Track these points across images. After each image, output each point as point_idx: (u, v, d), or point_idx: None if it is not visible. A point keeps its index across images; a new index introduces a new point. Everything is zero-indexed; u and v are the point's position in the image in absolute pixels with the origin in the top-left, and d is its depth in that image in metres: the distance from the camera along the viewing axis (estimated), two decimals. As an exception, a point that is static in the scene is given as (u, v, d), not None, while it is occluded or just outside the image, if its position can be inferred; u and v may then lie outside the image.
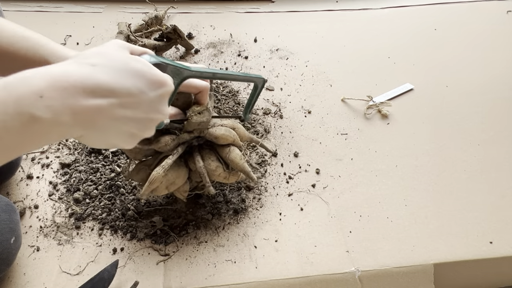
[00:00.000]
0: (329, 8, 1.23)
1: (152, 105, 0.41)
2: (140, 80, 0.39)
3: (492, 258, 0.68)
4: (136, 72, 0.39)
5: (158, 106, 0.42)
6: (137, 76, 0.39)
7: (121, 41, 0.43)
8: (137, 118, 0.40)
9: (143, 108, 0.40)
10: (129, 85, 0.38)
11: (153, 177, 0.57)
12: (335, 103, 0.94)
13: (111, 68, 0.37)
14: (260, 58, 1.05)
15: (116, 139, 0.40)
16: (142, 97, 0.39)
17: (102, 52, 0.39)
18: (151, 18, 1.08)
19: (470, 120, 0.91)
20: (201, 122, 0.58)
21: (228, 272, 0.65)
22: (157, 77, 0.41)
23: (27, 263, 0.65)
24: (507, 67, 1.04)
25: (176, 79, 0.49)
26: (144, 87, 0.39)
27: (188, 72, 0.50)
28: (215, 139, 0.61)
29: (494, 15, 1.22)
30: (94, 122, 0.36)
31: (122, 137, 0.41)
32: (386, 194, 0.76)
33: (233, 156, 0.61)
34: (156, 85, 0.40)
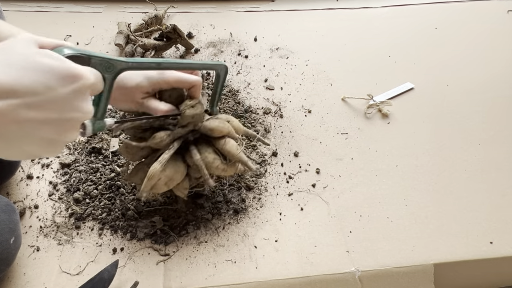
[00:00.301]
0: (329, 6, 1.23)
1: (66, 103, 0.35)
2: (47, 75, 0.34)
3: (492, 258, 0.68)
4: (41, 66, 0.34)
5: (74, 103, 0.36)
6: (43, 71, 0.34)
7: (29, 35, 0.38)
8: (49, 119, 0.35)
9: (54, 107, 0.34)
10: (32, 82, 0.33)
11: (151, 172, 0.57)
12: (336, 102, 0.94)
13: (11, 66, 0.32)
14: (260, 57, 1.04)
15: (31, 146, 0.35)
16: (51, 94, 0.34)
17: (3, 49, 0.34)
18: (151, 17, 1.08)
19: (470, 119, 0.91)
20: (194, 115, 0.58)
21: (228, 272, 0.65)
22: (68, 70, 0.35)
23: (27, 263, 0.65)
24: (507, 66, 1.04)
25: (109, 73, 0.44)
26: (52, 83, 0.34)
27: (121, 63, 0.46)
28: (210, 131, 0.61)
29: (494, 15, 1.22)
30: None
31: (39, 144, 0.36)
32: (386, 194, 0.76)
33: (229, 147, 0.61)
34: (67, 80, 0.35)
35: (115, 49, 1.03)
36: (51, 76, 0.34)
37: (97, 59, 0.42)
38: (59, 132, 0.36)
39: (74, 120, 0.37)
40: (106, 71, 0.44)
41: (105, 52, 1.03)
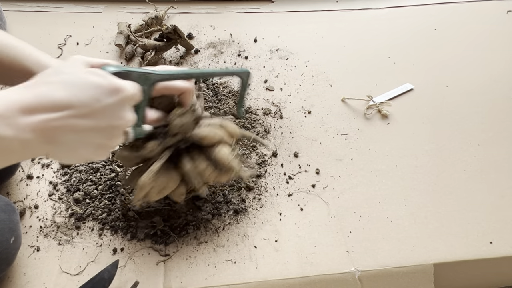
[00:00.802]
0: (329, 8, 1.23)
1: (112, 112, 0.41)
2: (95, 89, 0.40)
3: (492, 258, 0.68)
4: (90, 83, 0.40)
5: (118, 113, 0.42)
6: (92, 86, 0.40)
7: (80, 56, 0.44)
8: (99, 127, 0.41)
9: (103, 116, 0.41)
10: (84, 96, 0.39)
11: (141, 182, 0.56)
12: (335, 103, 0.94)
13: (66, 83, 0.39)
14: (260, 58, 1.05)
15: (85, 151, 0.42)
16: (99, 105, 0.40)
17: (58, 69, 0.40)
18: (151, 18, 1.08)
19: (470, 120, 0.91)
20: (183, 125, 0.57)
21: (228, 272, 0.65)
22: (112, 85, 0.41)
23: (27, 263, 0.65)
24: (507, 67, 1.04)
25: (146, 85, 0.49)
26: (100, 96, 0.40)
27: (156, 76, 0.50)
28: (200, 140, 0.60)
29: (494, 15, 1.22)
30: (56, 136, 0.38)
31: (90, 149, 0.42)
32: (386, 194, 0.76)
33: (220, 155, 0.60)
34: (112, 92, 0.41)
35: (115, 50, 1.03)
36: (99, 91, 0.40)
37: (136, 74, 0.48)
38: (108, 137, 0.43)
39: (119, 127, 0.44)
40: (144, 83, 0.49)
41: (105, 52, 1.03)
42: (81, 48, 1.03)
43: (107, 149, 0.44)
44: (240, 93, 0.65)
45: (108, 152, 0.45)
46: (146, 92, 0.50)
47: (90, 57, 0.45)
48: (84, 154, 0.42)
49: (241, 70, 0.62)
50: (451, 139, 0.87)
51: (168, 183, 0.59)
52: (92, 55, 0.56)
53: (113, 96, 0.41)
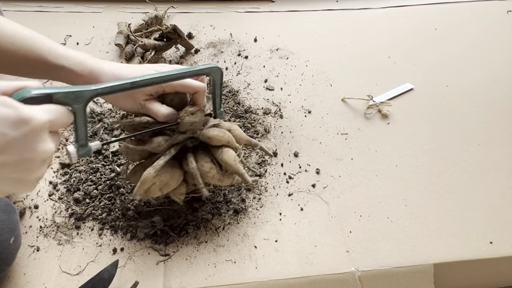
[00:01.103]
0: (329, 7, 1.23)
1: (22, 145, 0.37)
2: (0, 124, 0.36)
3: (492, 258, 0.68)
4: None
5: (30, 145, 0.38)
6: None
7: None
8: (9, 161, 0.37)
9: (12, 151, 0.37)
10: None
11: (144, 177, 0.56)
12: (335, 102, 0.94)
13: None
14: (260, 57, 1.05)
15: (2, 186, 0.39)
16: (5, 140, 0.36)
17: None
18: (151, 18, 1.08)
19: (470, 120, 0.91)
20: (193, 123, 0.58)
21: (228, 272, 0.65)
22: (17, 116, 0.36)
23: (27, 263, 0.65)
24: (507, 67, 1.04)
25: (78, 103, 0.45)
26: (5, 130, 0.36)
27: (89, 92, 0.46)
28: (208, 140, 0.60)
29: (494, 15, 1.22)
30: None
31: (9, 184, 0.39)
32: (386, 194, 0.76)
33: (226, 157, 0.60)
34: (18, 124, 0.36)
35: (115, 49, 1.03)
36: (4, 124, 0.35)
37: (60, 94, 0.43)
38: (23, 171, 0.39)
39: (34, 159, 0.39)
40: (74, 102, 0.44)
41: (105, 52, 1.03)
42: (81, 48, 1.03)
43: (30, 182, 0.41)
44: (212, 92, 0.61)
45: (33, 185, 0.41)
46: (80, 110, 0.45)
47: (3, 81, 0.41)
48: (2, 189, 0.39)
49: (207, 66, 0.57)
50: (451, 139, 0.87)
51: (170, 181, 0.59)
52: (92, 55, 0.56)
53: (20, 128, 0.37)
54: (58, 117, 0.42)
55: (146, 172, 0.57)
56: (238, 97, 0.93)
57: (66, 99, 0.44)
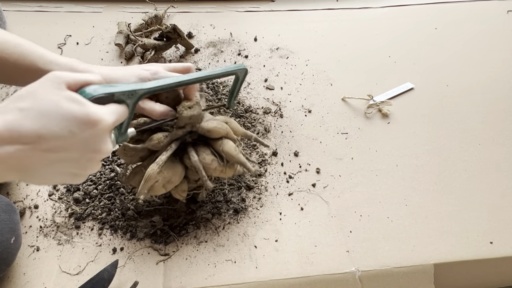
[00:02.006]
0: (329, 7, 1.23)
1: (86, 146, 0.39)
2: (70, 122, 0.37)
3: (492, 258, 0.68)
4: (65, 114, 0.37)
5: (94, 146, 0.40)
6: (65, 117, 0.37)
7: (58, 74, 0.40)
8: (72, 159, 0.39)
9: (76, 149, 0.38)
10: (57, 129, 0.36)
11: (148, 174, 0.56)
12: (336, 102, 0.94)
13: (38, 112, 0.36)
14: (260, 57, 1.04)
15: (58, 178, 0.40)
16: (73, 139, 0.37)
17: (32, 92, 0.37)
18: (151, 17, 1.08)
19: (470, 119, 0.91)
20: (192, 116, 0.58)
21: (228, 272, 0.65)
22: (88, 116, 0.38)
23: (27, 263, 0.65)
24: (507, 67, 1.04)
25: (131, 99, 0.47)
26: (75, 129, 0.37)
27: (143, 91, 0.48)
28: (208, 133, 0.61)
29: (494, 15, 1.22)
30: (26, 167, 0.36)
31: (65, 177, 0.41)
32: (387, 194, 0.76)
33: (227, 148, 0.60)
34: (87, 125, 0.38)
35: (115, 49, 1.03)
36: (74, 123, 0.37)
37: (120, 94, 0.45)
38: (82, 168, 0.41)
39: (94, 159, 0.41)
40: (128, 98, 0.47)
41: (105, 52, 1.03)
42: (81, 47, 1.03)
43: (82, 177, 0.43)
44: (232, 86, 0.64)
45: (84, 178, 0.43)
46: (131, 106, 0.48)
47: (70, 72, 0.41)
48: (58, 181, 0.41)
49: (237, 68, 0.61)
50: (451, 138, 0.87)
51: (173, 177, 0.59)
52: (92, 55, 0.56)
53: (89, 129, 0.38)
54: (120, 117, 0.44)
55: (149, 169, 0.57)
56: (238, 97, 0.93)
57: (124, 96, 0.46)
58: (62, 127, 0.36)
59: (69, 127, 0.37)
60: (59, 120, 0.36)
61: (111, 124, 0.41)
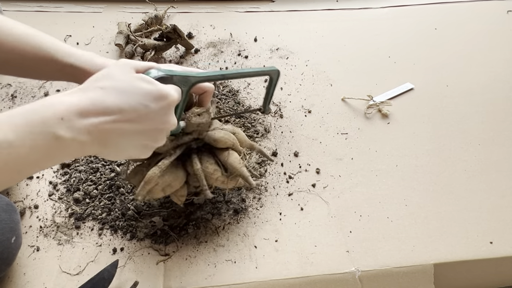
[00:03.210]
0: (329, 7, 1.23)
1: (158, 117, 0.44)
2: (144, 96, 0.43)
3: (492, 258, 0.68)
4: (139, 89, 0.43)
5: (163, 117, 0.46)
6: (141, 93, 0.43)
7: (128, 61, 0.47)
8: (146, 130, 0.44)
9: (149, 121, 0.44)
10: (134, 102, 0.42)
11: (148, 176, 0.56)
12: (335, 102, 0.94)
13: (117, 89, 0.42)
14: (260, 57, 1.04)
15: (132, 151, 0.45)
16: (147, 111, 0.43)
17: (109, 74, 0.43)
18: (151, 17, 1.08)
19: (470, 119, 0.91)
20: (200, 124, 0.58)
21: (228, 272, 0.65)
22: (158, 92, 0.44)
23: (27, 263, 0.65)
24: (507, 67, 1.04)
25: (185, 87, 0.52)
26: (148, 102, 0.43)
27: (195, 78, 0.52)
28: (214, 142, 0.61)
29: (494, 15, 1.22)
30: (108, 138, 0.41)
31: (137, 149, 0.46)
32: (386, 194, 0.76)
33: (232, 159, 0.60)
34: (159, 99, 0.44)
35: (115, 49, 1.03)
36: (148, 97, 0.43)
37: (178, 77, 0.50)
38: (153, 139, 0.47)
39: (164, 130, 0.47)
40: (183, 85, 0.51)
41: (105, 52, 1.03)
42: (81, 48, 1.03)
43: (151, 149, 0.48)
44: (267, 90, 0.65)
45: (151, 151, 0.49)
46: (184, 93, 0.52)
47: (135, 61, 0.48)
48: (131, 153, 0.46)
49: (271, 69, 0.62)
50: (451, 138, 0.87)
51: (173, 182, 0.59)
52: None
53: (160, 102, 0.44)
54: (179, 97, 0.50)
55: (151, 172, 0.56)
56: (238, 97, 0.93)
57: (180, 82, 0.51)
58: (138, 101, 0.42)
59: (143, 101, 0.43)
60: (136, 96, 0.43)
61: (176, 99, 0.47)
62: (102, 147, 0.42)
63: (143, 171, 0.60)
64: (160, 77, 0.48)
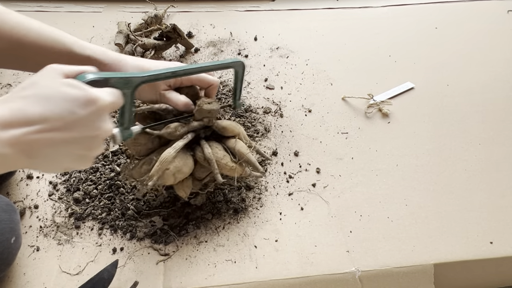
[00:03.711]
0: (329, 6, 1.23)
1: (88, 124, 0.41)
2: (70, 102, 0.40)
3: (492, 258, 0.68)
4: (64, 96, 0.40)
5: (95, 124, 0.42)
6: (66, 99, 0.40)
7: (56, 66, 0.43)
8: (76, 139, 0.41)
9: (79, 128, 0.41)
10: (58, 110, 0.39)
11: (164, 157, 0.57)
12: (336, 101, 0.94)
13: (40, 97, 0.39)
14: (260, 56, 1.04)
15: (66, 162, 0.43)
16: (74, 118, 0.40)
17: (33, 82, 0.40)
18: (151, 17, 1.08)
19: (470, 119, 0.91)
20: (211, 110, 0.60)
21: (228, 272, 0.65)
22: (86, 96, 0.41)
23: (27, 263, 0.65)
24: (507, 66, 1.04)
25: (128, 89, 0.49)
26: (75, 108, 0.40)
27: (138, 79, 0.50)
28: (222, 129, 0.63)
29: (494, 14, 1.21)
30: (34, 149, 0.38)
31: (72, 159, 0.43)
32: (387, 194, 0.76)
33: (240, 146, 0.63)
34: (86, 104, 0.40)
35: (115, 49, 1.03)
36: (74, 103, 0.40)
37: (116, 79, 0.47)
38: (86, 148, 0.43)
39: (97, 138, 0.43)
40: (124, 87, 0.48)
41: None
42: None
43: (89, 159, 0.45)
44: (234, 85, 0.64)
45: (90, 162, 0.45)
46: (128, 96, 0.49)
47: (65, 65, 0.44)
48: (66, 164, 0.43)
49: (233, 61, 0.61)
50: (451, 138, 0.87)
51: (184, 167, 0.60)
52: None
53: (88, 108, 0.41)
54: (117, 100, 0.46)
55: (166, 152, 0.58)
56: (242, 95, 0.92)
57: (119, 84, 0.48)
58: (63, 107, 0.39)
59: (70, 108, 0.39)
60: (61, 103, 0.39)
61: (108, 103, 0.43)
62: (31, 159, 0.39)
63: (154, 159, 0.60)
64: (92, 81, 0.45)
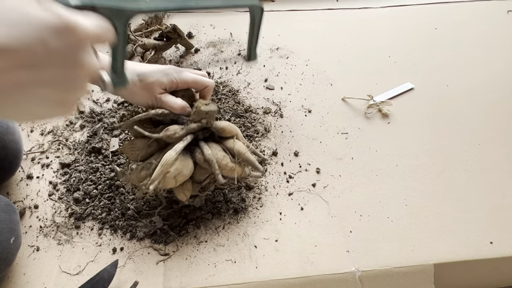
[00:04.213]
0: (329, 7, 1.23)
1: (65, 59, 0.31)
2: (40, 28, 0.29)
3: (492, 258, 0.68)
4: (33, 20, 0.29)
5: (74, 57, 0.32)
6: (35, 25, 0.29)
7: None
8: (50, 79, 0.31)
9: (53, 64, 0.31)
10: (25, 38, 0.28)
11: (165, 159, 0.57)
12: (336, 102, 0.94)
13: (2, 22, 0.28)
14: (260, 57, 1.04)
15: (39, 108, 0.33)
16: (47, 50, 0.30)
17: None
18: (151, 17, 1.08)
19: (470, 119, 0.91)
20: (209, 111, 0.60)
21: (228, 272, 0.65)
22: (62, 22, 0.30)
23: (27, 263, 0.65)
24: (507, 67, 1.04)
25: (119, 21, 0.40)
26: (47, 37, 0.29)
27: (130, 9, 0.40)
28: (221, 130, 0.63)
29: (494, 15, 1.22)
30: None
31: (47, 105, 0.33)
32: (387, 194, 0.76)
33: (238, 146, 0.63)
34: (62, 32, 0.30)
35: (115, 49, 1.03)
36: (46, 31, 0.29)
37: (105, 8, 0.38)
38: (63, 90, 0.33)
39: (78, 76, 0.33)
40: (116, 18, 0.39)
41: (105, 52, 1.02)
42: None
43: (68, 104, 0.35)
44: (250, 31, 0.55)
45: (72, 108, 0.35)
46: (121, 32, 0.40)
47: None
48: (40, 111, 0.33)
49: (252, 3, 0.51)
50: (451, 138, 0.87)
51: (184, 169, 0.60)
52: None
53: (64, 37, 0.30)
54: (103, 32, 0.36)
55: (167, 154, 0.57)
56: (238, 97, 0.93)
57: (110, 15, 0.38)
58: (31, 35, 0.29)
59: (39, 34, 0.29)
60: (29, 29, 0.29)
61: (90, 31, 0.33)
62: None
63: (153, 163, 0.60)
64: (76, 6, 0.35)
